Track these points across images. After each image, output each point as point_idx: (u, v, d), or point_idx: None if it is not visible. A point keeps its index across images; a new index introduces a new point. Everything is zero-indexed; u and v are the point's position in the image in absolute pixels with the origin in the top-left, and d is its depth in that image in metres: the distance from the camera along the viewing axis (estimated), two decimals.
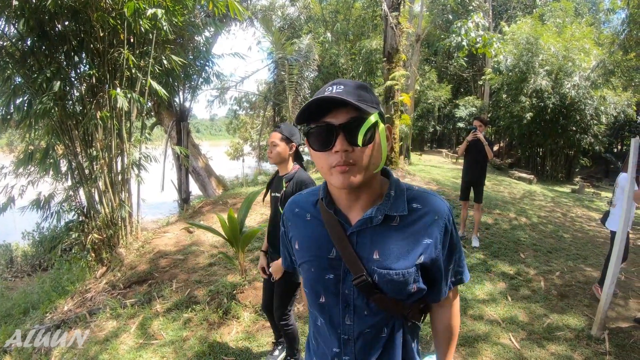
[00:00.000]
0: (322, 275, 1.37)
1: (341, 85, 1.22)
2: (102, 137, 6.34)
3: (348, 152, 1.19)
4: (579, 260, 6.86)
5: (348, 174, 1.21)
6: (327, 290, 1.37)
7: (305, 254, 1.43)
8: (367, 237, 1.31)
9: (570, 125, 19.22)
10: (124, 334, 4.56)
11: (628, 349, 4.19)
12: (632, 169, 4.29)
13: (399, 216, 1.31)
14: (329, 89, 1.22)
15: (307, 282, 1.44)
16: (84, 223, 6.65)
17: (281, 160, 3.27)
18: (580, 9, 27.04)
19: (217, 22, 10.30)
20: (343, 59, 20.25)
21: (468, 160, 7.11)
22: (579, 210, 11.73)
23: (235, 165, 29.32)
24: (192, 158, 14.21)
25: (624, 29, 13.93)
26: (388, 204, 1.31)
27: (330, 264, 1.35)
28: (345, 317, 1.36)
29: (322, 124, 1.22)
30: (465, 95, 27.46)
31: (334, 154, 1.21)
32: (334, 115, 1.21)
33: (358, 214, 1.33)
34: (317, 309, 1.43)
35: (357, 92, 1.21)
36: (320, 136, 1.23)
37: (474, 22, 11.46)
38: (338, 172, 1.21)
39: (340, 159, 1.20)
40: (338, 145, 1.19)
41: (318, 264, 1.38)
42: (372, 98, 1.26)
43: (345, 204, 1.35)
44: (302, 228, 1.46)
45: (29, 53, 5.99)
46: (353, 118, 1.19)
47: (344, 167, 1.20)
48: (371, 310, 1.34)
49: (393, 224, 1.31)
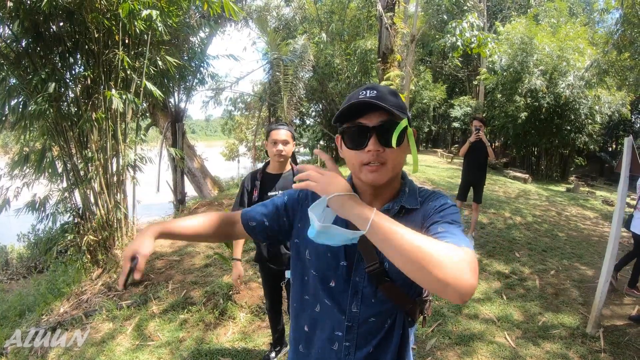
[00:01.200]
0: (337, 261, 1.44)
1: (374, 90, 1.31)
2: (97, 138, 6.32)
3: (379, 152, 1.30)
4: (574, 259, 6.90)
5: (377, 172, 1.31)
6: (339, 276, 1.44)
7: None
8: None
9: (564, 125, 19.30)
10: (120, 335, 4.55)
11: (623, 346, 4.23)
12: (625, 168, 4.32)
13: (409, 209, 1.40)
14: (362, 92, 1.32)
15: (319, 267, 1.49)
16: (80, 225, 6.62)
17: (287, 159, 3.28)
18: (574, 9, 27.16)
19: (212, 23, 10.29)
20: (338, 59, 20.23)
21: (469, 161, 7.12)
22: (574, 209, 11.78)
23: (230, 166, 29.32)
24: (188, 159, 14.20)
25: (618, 29, 13.95)
26: (403, 198, 1.42)
27: (346, 252, 1.43)
28: (352, 304, 1.42)
29: (357, 125, 1.32)
30: (460, 95, 27.53)
31: (366, 153, 1.31)
32: (367, 118, 1.31)
33: (378, 206, 1.39)
34: (325, 294, 1.46)
35: (389, 97, 1.31)
36: (354, 136, 1.33)
37: (468, 22, 11.50)
38: (368, 170, 1.32)
39: (372, 158, 1.30)
40: (371, 145, 1.29)
41: (333, 250, 1.44)
42: (401, 104, 1.34)
43: (368, 199, 1.42)
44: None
45: (23, 54, 5.96)
46: (385, 121, 1.29)
47: (375, 167, 1.31)
48: (378, 299, 1.40)
49: (406, 215, 1.39)
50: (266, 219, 1.58)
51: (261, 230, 1.59)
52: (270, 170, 3.33)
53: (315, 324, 1.52)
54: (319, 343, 1.50)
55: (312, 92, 21.32)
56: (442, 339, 4.28)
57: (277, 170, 3.30)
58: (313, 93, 21.36)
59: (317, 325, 1.52)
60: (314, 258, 1.50)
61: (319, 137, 22.96)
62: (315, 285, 1.50)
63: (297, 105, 16.68)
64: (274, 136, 3.17)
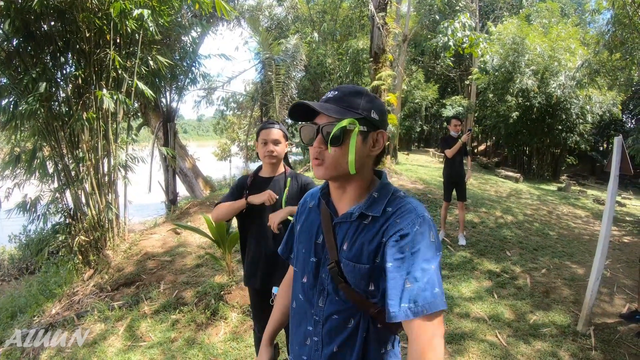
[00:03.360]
0: (308, 257, 1.52)
1: (336, 91, 1.42)
2: (88, 138, 6.30)
3: (321, 149, 1.39)
4: (565, 258, 6.93)
5: (318, 167, 1.41)
6: (310, 271, 1.51)
7: (300, 236, 1.60)
8: (344, 230, 1.44)
9: (556, 124, 19.39)
10: (112, 336, 4.55)
11: (614, 344, 4.26)
12: (615, 167, 4.35)
13: (372, 216, 1.40)
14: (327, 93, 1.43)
15: (297, 262, 1.60)
16: (71, 225, 6.59)
17: (280, 160, 2.98)
18: (566, 10, 27.32)
19: (203, 23, 10.26)
20: (330, 59, 20.22)
21: (454, 160, 7.12)
22: (565, 208, 11.84)
23: (222, 165, 29.23)
24: (179, 159, 14.16)
25: (609, 30, 14.02)
26: (367, 204, 1.42)
27: (316, 248, 1.51)
28: (319, 299, 1.48)
29: (308, 124, 1.43)
30: (452, 95, 27.56)
31: (313, 149, 1.41)
32: (320, 117, 1.41)
33: (345, 207, 1.47)
34: (299, 288, 1.56)
35: (346, 97, 1.39)
36: (307, 133, 1.44)
37: (460, 22, 11.54)
38: (314, 164, 1.42)
39: (315, 154, 1.41)
40: (315, 142, 1.40)
41: (307, 246, 1.54)
42: (363, 104, 1.39)
43: (336, 197, 1.51)
44: (305, 214, 1.63)
45: (14, 54, 5.93)
46: (330, 121, 1.37)
47: (315, 161, 1.41)
48: (340, 298, 1.43)
49: (365, 222, 1.41)
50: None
51: None
52: (262, 174, 3.02)
53: (293, 320, 1.61)
54: (296, 338, 1.57)
55: (305, 92, 21.30)
56: None
57: (269, 173, 3.00)
58: (305, 93, 21.34)
59: (294, 321, 1.60)
60: (295, 255, 1.64)
61: None
62: (295, 281, 1.61)
63: (290, 104, 16.64)
64: (264, 135, 2.88)
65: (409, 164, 17.83)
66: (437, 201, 9.58)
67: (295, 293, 1.59)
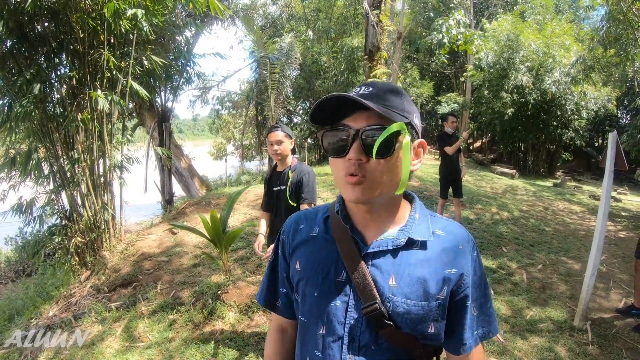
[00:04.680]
0: (327, 301, 1.17)
1: (370, 87, 1.10)
2: (83, 139, 6.29)
3: (362, 162, 1.06)
4: (561, 253, 6.96)
5: (357, 186, 1.07)
6: (331, 320, 1.16)
7: (308, 274, 1.22)
8: (385, 261, 1.14)
9: (551, 121, 19.45)
10: (110, 337, 4.54)
11: (610, 338, 4.28)
12: (609, 162, 4.36)
13: (421, 241, 1.15)
14: (357, 89, 1.11)
15: (306, 310, 1.23)
16: (67, 227, 6.58)
17: (285, 156, 3.61)
18: (560, 6, 27.33)
19: (198, 22, 10.25)
20: (325, 57, 20.23)
21: (451, 157, 7.13)
22: (561, 204, 11.87)
23: (218, 165, 29.24)
24: (175, 159, 14.15)
25: (603, 26, 14.06)
26: (412, 227, 1.16)
27: (338, 288, 1.16)
28: (349, 353, 1.14)
29: (339, 127, 1.09)
30: (447, 92, 27.55)
31: (347, 162, 1.07)
32: (355, 119, 1.08)
33: (375, 233, 1.18)
34: (313, 343, 1.20)
35: (385, 95, 1.09)
36: (336, 140, 1.10)
37: (455, 19, 11.53)
38: (348, 182, 1.08)
39: (352, 168, 1.06)
40: (352, 152, 1.05)
41: (323, 288, 1.18)
42: (404, 106, 1.11)
43: (362, 222, 1.20)
44: (308, 245, 1.27)
45: (8, 55, 5.91)
46: (374, 124, 1.05)
47: (353, 178, 1.06)
48: (380, 347, 1.13)
49: (414, 248, 1.15)
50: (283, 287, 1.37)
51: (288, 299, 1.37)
52: (278, 168, 3.74)
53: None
54: None
55: (299, 90, 21.33)
56: None
57: (281, 167, 3.69)
58: (300, 91, 21.36)
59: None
60: (301, 299, 1.25)
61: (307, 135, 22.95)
62: (304, 334, 1.25)
63: (285, 103, 16.72)
64: (270, 138, 3.55)
65: None
66: (432, 198, 9.59)
67: (308, 349, 1.22)
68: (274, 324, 1.45)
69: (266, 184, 3.84)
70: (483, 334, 1.19)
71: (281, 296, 1.38)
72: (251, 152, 25.76)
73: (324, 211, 1.30)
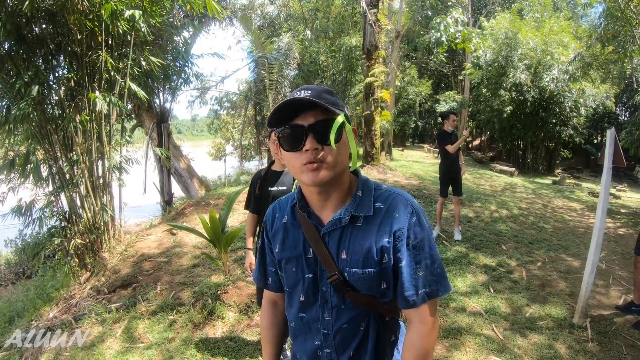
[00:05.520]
0: (302, 274, 1.44)
1: (308, 90, 1.29)
2: (82, 141, 6.29)
3: (318, 150, 1.27)
4: (560, 251, 6.96)
5: (317, 171, 1.28)
6: (307, 288, 1.44)
7: (287, 254, 1.48)
8: (336, 238, 1.38)
9: (550, 118, 19.47)
10: (110, 338, 4.54)
11: (610, 335, 4.28)
12: (608, 159, 4.36)
13: (363, 217, 1.37)
14: (297, 93, 1.29)
15: (289, 282, 1.51)
16: (67, 228, 6.58)
17: None
18: (558, 3, 27.34)
19: (195, 23, 10.26)
20: (323, 56, 20.21)
21: (451, 156, 7.12)
22: (560, 201, 11.87)
23: (217, 165, 29.19)
24: (174, 159, 14.14)
25: (602, 23, 14.10)
26: (354, 205, 1.38)
27: (309, 264, 1.43)
28: (324, 312, 1.43)
29: (293, 126, 1.30)
30: (445, 90, 27.63)
31: (304, 153, 1.28)
32: (303, 118, 1.29)
33: (329, 214, 1.41)
34: (298, 307, 1.49)
35: (323, 95, 1.29)
36: (291, 137, 1.31)
37: (453, 17, 11.57)
38: (308, 170, 1.29)
39: (311, 157, 1.27)
40: (308, 144, 1.27)
41: (297, 264, 1.45)
42: (337, 101, 1.34)
43: (317, 205, 1.43)
44: (283, 231, 1.51)
45: (6, 57, 5.91)
46: (321, 119, 1.28)
47: (313, 165, 1.28)
48: (347, 306, 1.40)
49: (358, 224, 1.37)
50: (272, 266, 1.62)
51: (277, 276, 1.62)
52: (275, 168, 3.52)
53: (297, 339, 1.56)
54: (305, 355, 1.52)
55: None
56: None
57: (281, 167, 3.48)
58: None
59: (298, 340, 1.55)
60: (285, 275, 1.53)
61: None
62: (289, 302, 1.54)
63: None
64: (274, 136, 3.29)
65: (404, 160, 17.86)
66: (432, 197, 9.59)
67: (293, 313, 1.52)
68: (267, 299, 1.72)
69: (259, 183, 3.55)
70: (431, 292, 1.34)
71: (271, 274, 1.63)
72: (250, 152, 25.70)
73: (291, 201, 1.54)
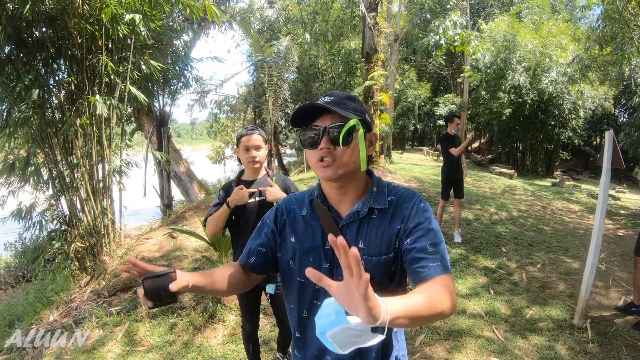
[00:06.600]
0: (320, 264, 1.54)
1: (332, 96, 1.47)
2: (82, 144, 6.29)
3: (330, 150, 1.43)
4: (560, 252, 6.97)
5: (328, 167, 1.43)
6: None
7: (305, 245, 1.58)
8: (354, 229, 1.51)
9: (549, 120, 19.51)
10: (111, 342, 4.54)
11: (610, 336, 4.29)
12: (606, 161, 4.38)
13: (378, 209, 1.50)
14: (321, 98, 1.47)
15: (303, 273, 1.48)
16: (67, 232, 6.58)
17: (262, 163, 3.15)
18: (556, 6, 27.40)
19: (195, 27, 10.27)
20: (322, 59, 20.24)
21: (454, 159, 7.13)
22: (559, 203, 11.89)
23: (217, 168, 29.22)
24: (174, 163, 14.14)
25: (600, 25, 14.12)
26: (371, 199, 1.52)
27: (326, 254, 1.54)
28: None
29: (311, 127, 1.46)
30: (445, 93, 27.61)
31: (319, 150, 1.44)
32: (322, 120, 1.45)
33: (347, 208, 1.54)
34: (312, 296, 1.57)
35: (343, 101, 1.45)
36: (310, 136, 1.46)
37: (451, 20, 11.61)
38: (320, 166, 1.45)
39: (324, 154, 1.43)
40: (322, 143, 1.43)
41: (315, 254, 1.56)
42: (358, 107, 1.49)
43: (336, 199, 1.56)
44: (299, 222, 1.62)
45: (6, 61, 5.90)
46: (336, 122, 1.43)
47: (325, 163, 1.44)
48: None
49: (373, 216, 1.50)
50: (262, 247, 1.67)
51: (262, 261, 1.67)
52: (245, 177, 3.21)
53: (305, 329, 1.62)
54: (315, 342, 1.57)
55: (297, 93, 21.33)
56: (430, 335, 4.32)
57: (252, 176, 3.18)
58: (298, 94, 21.36)
59: (307, 329, 1.61)
60: (298, 266, 1.60)
61: None
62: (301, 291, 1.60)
63: (283, 106, 16.70)
64: (246, 142, 3.05)
65: (403, 163, 17.87)
66: (431, 199, 9.60)
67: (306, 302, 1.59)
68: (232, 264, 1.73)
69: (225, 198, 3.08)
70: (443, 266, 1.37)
71: (256, 254, 1.68)
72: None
73: (309, 195, 1.66)
